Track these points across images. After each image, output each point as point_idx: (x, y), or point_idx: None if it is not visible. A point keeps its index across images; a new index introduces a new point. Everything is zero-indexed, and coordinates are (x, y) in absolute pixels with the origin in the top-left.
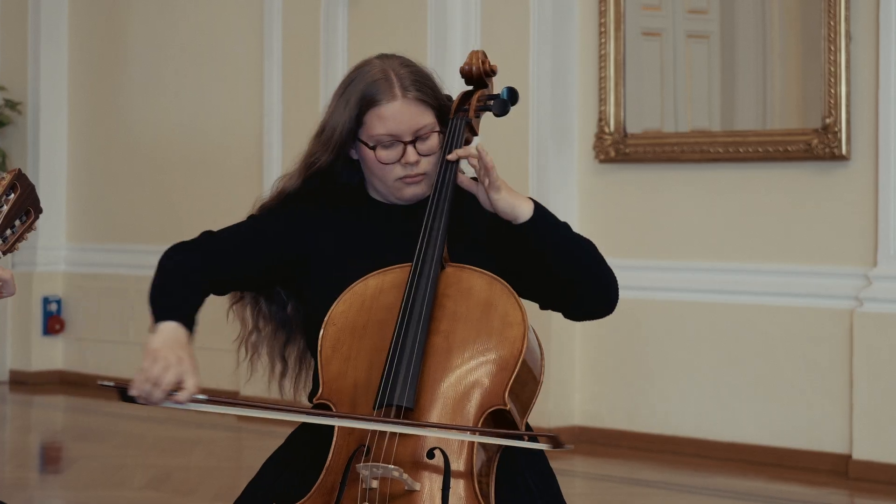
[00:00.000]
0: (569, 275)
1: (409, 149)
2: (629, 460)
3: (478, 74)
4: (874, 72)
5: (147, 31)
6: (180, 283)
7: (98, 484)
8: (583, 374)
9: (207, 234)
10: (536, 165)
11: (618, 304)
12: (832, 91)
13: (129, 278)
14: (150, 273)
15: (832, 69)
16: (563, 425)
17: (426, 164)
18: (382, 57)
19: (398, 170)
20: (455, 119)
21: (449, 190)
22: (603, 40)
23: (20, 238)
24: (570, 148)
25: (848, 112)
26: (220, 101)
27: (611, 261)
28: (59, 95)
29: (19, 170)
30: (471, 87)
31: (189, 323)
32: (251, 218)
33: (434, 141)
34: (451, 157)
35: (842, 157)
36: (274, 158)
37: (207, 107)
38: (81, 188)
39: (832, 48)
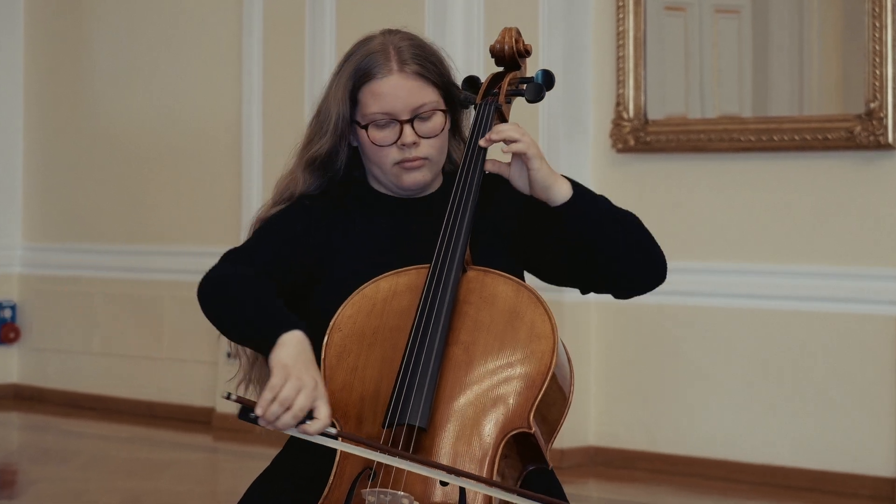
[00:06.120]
0: (616, 252)
1: (407, 128)
2: (649, 484)
3: (510, 55)
4: None
5: (114, 8)
6: (265, 294)
7: None
8: (598, 389)
9: (235, 252)
10: (547, 156)
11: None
12: (877, 72)
13: (94, 281)
14: (117, 275)
15: (877, 48)
16: (576, 445)
17: (427, 148)
18: (386, 32)
19: (395, 153)
20: (483, 104)
21: (475, 184)
22: (621, 16)
23: None
24: (583, 136)
25: (895, 96)
26: (195, 85)
27: None
28: (14, 78)
29: None
30: (501, 69)
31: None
32: (263, 227)
33: (437, 122)
34: (482, 142)
35: (887, 146)
36: (254, 149)
37: (180, 91)
38: (39, 181)
39: (877, 24)
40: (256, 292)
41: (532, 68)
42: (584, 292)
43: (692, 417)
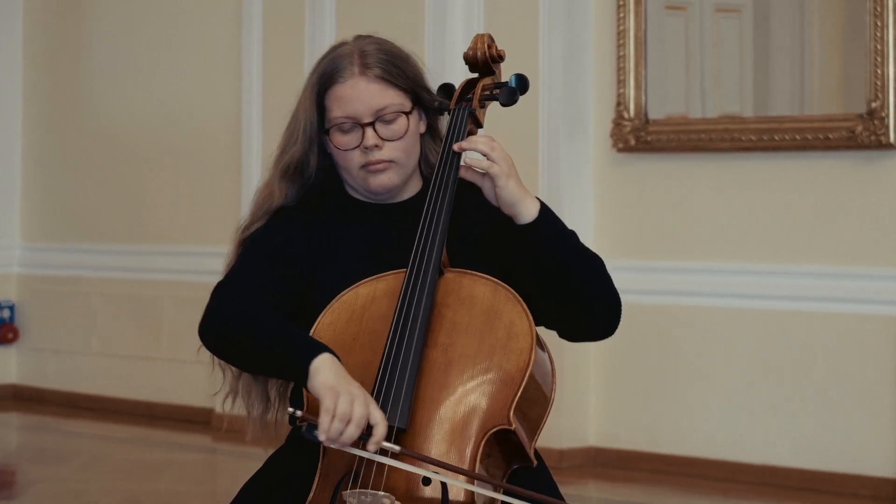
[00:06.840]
0: (572, 286)
1: (368, 131)
2: (649, 485)
3: (483, 60)
4: None
5: (114, 8)
6: (278, 323)
7: None
8: (598, 389)
9: (225, 284)
10: (547, 156)
11: (620, 323)
12: (878, 72)
13: (93, 281)
14: (116, 275)
15: (878, 47)
16: (576, 446)
17: (392, 150)
18: (358, 37)
19: (359, 156)
20: (457, 109)
21: (449, 187)
22: (621, 15)
23: None
24: (584, 136)
25: None
26: (195, 85)
27: (629, 262)
28: (13, 78)
29: None
30: (475, 75)
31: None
32: (247, 246)
33: (400, 124)
34: (455, 147)
35: (889, 146)
36: (254, 149)
37: (180, 91)
38: (38, 181)
39: (878, 24)
40: (269, 325)
41: (531, 68)
42: (535, 324)
43: (692, 417)
